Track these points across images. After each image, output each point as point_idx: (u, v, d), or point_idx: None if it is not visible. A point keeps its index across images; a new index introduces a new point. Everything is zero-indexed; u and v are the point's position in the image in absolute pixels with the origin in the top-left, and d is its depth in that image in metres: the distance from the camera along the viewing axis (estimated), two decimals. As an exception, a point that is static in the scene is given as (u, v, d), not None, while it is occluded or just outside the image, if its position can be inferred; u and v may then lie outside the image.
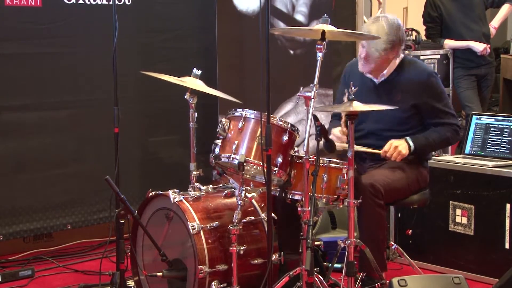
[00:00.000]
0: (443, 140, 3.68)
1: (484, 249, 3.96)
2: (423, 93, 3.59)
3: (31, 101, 4.35)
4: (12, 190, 4.32)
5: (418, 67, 3.69)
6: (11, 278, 4.02)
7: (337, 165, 3.32)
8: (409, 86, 3.60)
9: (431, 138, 3.62)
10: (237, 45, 4.94)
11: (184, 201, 3.39)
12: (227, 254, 3.31)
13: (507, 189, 3.86)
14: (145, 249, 3.61)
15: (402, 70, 3.64)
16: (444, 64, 5.57)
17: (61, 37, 4.40)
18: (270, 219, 3.21)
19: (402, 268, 4.06)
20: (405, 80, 3.62)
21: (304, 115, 3.24)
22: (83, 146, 4.55)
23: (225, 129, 3.37)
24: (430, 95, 3.60)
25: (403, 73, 3.64)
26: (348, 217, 3.19)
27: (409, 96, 3.59)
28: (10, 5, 4.20)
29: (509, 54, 7.43)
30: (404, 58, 3.69)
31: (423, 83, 3.60)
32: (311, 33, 3.51)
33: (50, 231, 4.50)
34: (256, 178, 3.47)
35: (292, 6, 5.26)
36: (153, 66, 4.61)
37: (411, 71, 3.64)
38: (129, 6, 4.59)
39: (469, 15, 5.64)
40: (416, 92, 3.59)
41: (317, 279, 3.22)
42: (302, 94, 3.12)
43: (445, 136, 3.65)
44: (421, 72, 3.65)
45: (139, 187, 4.65)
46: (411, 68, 3.66)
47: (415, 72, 3.64)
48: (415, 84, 3.59)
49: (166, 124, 4.86)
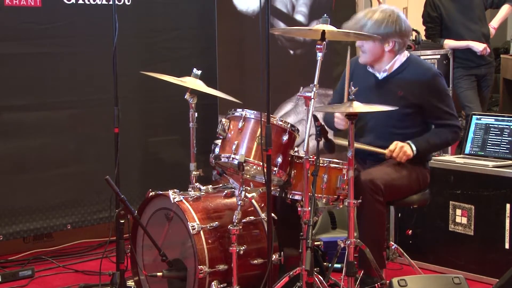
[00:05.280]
0: (444, 143, 3.73)
1: (484, 249, 3.96)
2: (427, 92, 3.58)
3: (31, 101, 4.35)
4: (12, 190, 4.32)
5: (423, 66, 3.69)
6: (11, 278, 4.02)
7: (337, 165, 3.31)
8: (413, 84, 3.60)
9: (432, 141, 3.63)
10: (237, 45, 4.94)
11: (184, 201, 3.39)
12: (227, 254, 3.31)
13: (507, 189, 3.86)
14: (145, 249, 3.61)
15: (407, 67, 3.64)
16: (444, 64, 5.57)
17: (61, 37, 4.40)
18: (270, 219, 3.21)
19: (402, 268, 4.06)
20: (409, 77, 3.62)
21: (304, 115, 3.24)
22: (83, 146, 4.55)
23: (225, 129, 3.37)
24: (433, 94, 3.60)
25: (407, 70, 3.64)
26: (348, 217, 3.19)
27: (412, 94, 3.59)
28: (10, 5, 4.19)
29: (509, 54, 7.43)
30: (410, 56, 3.69)
31: (427, 82, 3.59)
32: (311, 33, 3.51)
33: (50, 231, 4.50)
34: (256, 178, 3.47)
35: (292, 6, 5.26)
36: (153, 66, 4.61)
37: (416, 69, 3.64)
38: (129, 6, 4.59)
39: (468, 15, 5.64)
40: (419, 90, 3.58)
41: (317, 279, 3.22)
42: (302, 94, 3.12)
43: (446, 139, 3.67)
44: (426, 71, 3.65)
45: (139, 187, 4.65)
46: (416, 66, 3.66)
47: (419, 71, 3.63)
48: (419, 82, 3.59)
49: (166, 124, 4.86)
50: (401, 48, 3.64)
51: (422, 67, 3.68)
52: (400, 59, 3.66)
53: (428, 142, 3.62)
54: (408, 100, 3.58)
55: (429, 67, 3.74)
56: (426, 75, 3.62)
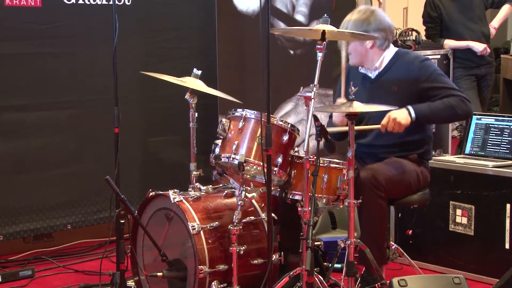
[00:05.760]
0: (448, 107, 3.50)
1: (484, 249, 3.96)
2: (418, 79, 3.56)
3: (31, 101, 4.35)
4: (12, 190, 4.32)
5: (409, 57, 3.68)
6: (11, 278, 4.02)
7: (337, 165, 3.31)
8: (404, 76, 3.59)
9: (434, 106, 3.50)
10: (237, 45, 4.94)
11: (184, 201, 3.39)
12: (227, 254, 3.31)
13: (507, 189, 3.86)
14: (145, 249, 3.61)
15: (396, 62, 3.65)
16: (444, 64, 5.57)
17: (61, 37, 4.40)
18: (270, 219, 3.21)
19: (402, 268, 4.06)
20: (398, 70, 3.62)
21: (304, 115, 3.24)
22: (83, 146, 4.55)
23: (225, 129, 3.37)
24: (425, 79, 3.56)
25: (396, 65, 3.65)
26: (348, 217, 3.19)
27: (405, 86, 3.58)
28: (10, 5, 4.20)
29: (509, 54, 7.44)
30: (397, 51, 3.70)
31: (417, 69, 3.58)
32: (311, 33, 3.51)
33: (50, 231, 4.50)
34: (256, 178, 3.47)
35: (292, 6, 5.26)
36: (153, 66, 4.61)
37: (404, 61, 3.64)
38: (129, 6, 4.59)
39: (469, 15, 5.64)
40: (411, 81, 3.57)
41: (317, 279, 3.22)
42: (302, 94, 3.11)
43: (450, 104, 3.49)
44: (412, 59, 3.64)
45: (139, 187, 4.65)
46: (404, 59, 3.66)
47: (407, 61, 3.64)
48: (409, 72, 3.59)
49: (166, 124, 4.86)
50: (384, 44, 3.64)
51: (409, 58, 3.67)
52: (388, 56, 3.67)
53: (429, 105, 3.51)
54: (404, 93, 3.57)
55: (415, 55, 3.72)
56: (414, 63, 3.61)
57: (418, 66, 3.59)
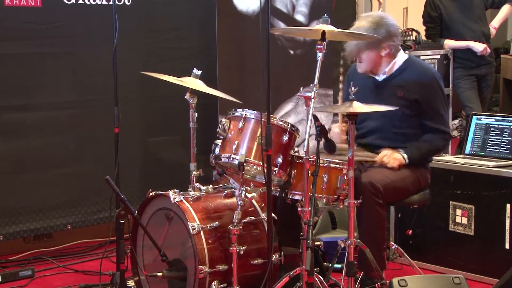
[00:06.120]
0: (435, 151, 3.76)
1: (484, 249, 3.96)
2: (425, 89, 3.59)
3: (31, 101, 4.35)
4: (12, 190, 4.32)
5: (423, 67, 3.71)
6: (11, 278, 4.02)
7: (337, 165, 3.31)
8: (413, 83, 3.61)
9: (424, 149, 3.64)
10: (237, 45, 4.94)
11: (184, 201, 3.39)
12: (227, 254, 3.31)
13: (507, 189, 3.86)
14: (145, 249, 3.61)
15: (407, 68, 3.66)
16: (444, 64, 5.58)
17: (61, 37, 4.40)
18: (270, 219, 3.21)
19: (402, 268, 4.06)
20: (409, 78, 3.63)
21: (304, 115, 3.24)
22: (83, 146, 4.55)
23: (225, 129, 3.37)
24: (431, 93, 3.61)
25: (407, 71, 3.65)
26: (348, 217, 3.19)
27: (411, 93, 3.60)
28: (10, 5, 4.19)
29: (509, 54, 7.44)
30: (409, 57, 3.70)
31: (427, 81, 3.61)
32: (311, 33, 3.51)
33: (50, 231, 4.50)
34: (256, 178, 3.47)
35: (292, 6, 5.26)
36: (153, 66, 4.61)
37: (416, 70, 3.65)
38: (129, 6, 4.59)
39: (469, 15, 5.64)
40: (418, 88, 3.60)
41: (317, 279, 3.22)
42: (302, 94, 3.12)
43: (437, 147, 3.71)
44: (425, 71, 3.67)
45: (139, 187, 4.65)
46: (416, 67, 3.67)
47: (419, 71, 3.65)
48: (419, 81, 3.61)
49: (166, 124, 4.86)
50: (396, 50, 3.66)
51: (423, 67, 3.70)
52: (399, 61, 3.67)
53: (419, 150, 3.62)
54: (408, 99, 3.59)
55: (429, 68, 3.77)
56: (426, 74, 3.64)
57: (430, 80, 3.62)
